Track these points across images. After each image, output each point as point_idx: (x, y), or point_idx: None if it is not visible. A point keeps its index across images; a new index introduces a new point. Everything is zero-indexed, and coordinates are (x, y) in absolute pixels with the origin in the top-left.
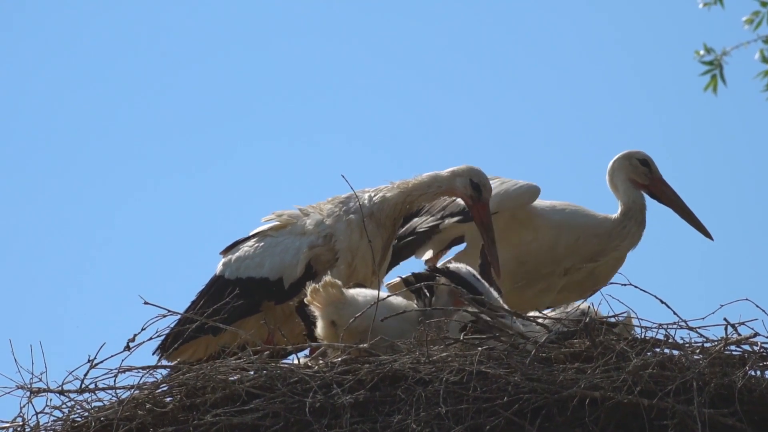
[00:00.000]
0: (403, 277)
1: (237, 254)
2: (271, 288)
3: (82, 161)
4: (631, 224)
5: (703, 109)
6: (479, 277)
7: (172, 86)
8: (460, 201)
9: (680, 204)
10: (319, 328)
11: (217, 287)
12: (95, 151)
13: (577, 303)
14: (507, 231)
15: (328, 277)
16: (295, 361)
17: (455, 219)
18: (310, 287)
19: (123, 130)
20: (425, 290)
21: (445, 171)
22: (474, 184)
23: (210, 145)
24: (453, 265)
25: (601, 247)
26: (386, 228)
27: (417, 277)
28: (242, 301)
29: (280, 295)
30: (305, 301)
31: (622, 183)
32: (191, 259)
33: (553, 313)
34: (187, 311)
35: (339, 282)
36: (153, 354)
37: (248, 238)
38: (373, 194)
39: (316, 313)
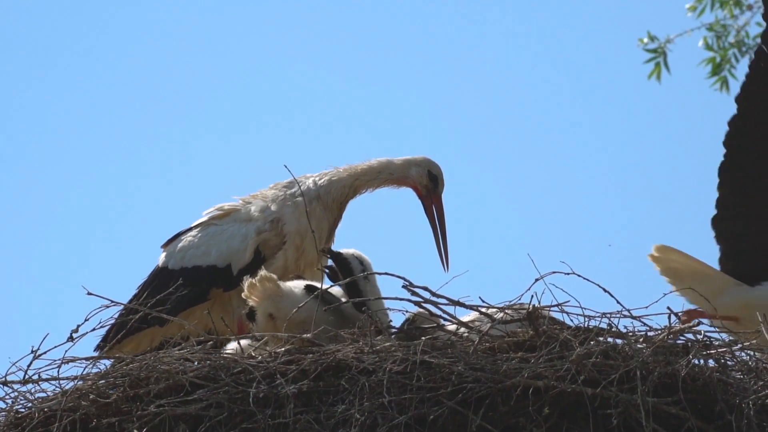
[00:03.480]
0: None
1: (180, 244)
2: (220, 275)
3: (24, 151)
4: None
5: (647, 96)
6: (367, 268)
7: (120, 82)
8: None
9: None
10: (258, 322)
11: (160, 279)
12: (38, 141)
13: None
14: None
15: (263, 272)
16: (236, 345)
17: None
18: (246, 282)
19: (63, 120)
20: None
21: (398, 159)
22: (432, 175)
23: (151, 138)
24: (345, 250)
25: None
26: (332, 211)
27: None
28: (188, 290)
29: (229, 281)
30: (242, 295)
31: None
32: (134, 251)
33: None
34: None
35: (275, 276)
36: (95, 350)
37: (190, 229)
38: (318, 178)
39: (254, 306)
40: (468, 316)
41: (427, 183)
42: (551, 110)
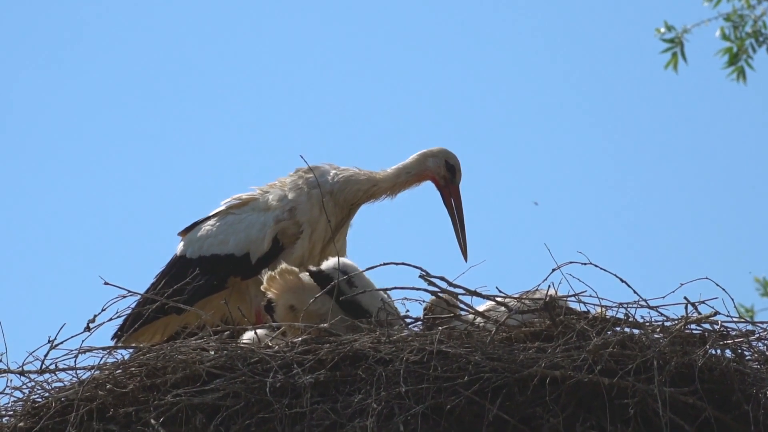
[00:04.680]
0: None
1: (199, 233)
2: (238, 264)
3: (42, 142)
4: None
5: (664, 86)
6: (354, 273)
7: (136, 70)
8: None
9: None
10: (277, 313)
11: (178, 267)
12: (56, 132)
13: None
14: None
15: (284, 265)
16: (252, 334)
17: None
18: (266, 275)
19: (83, 111)
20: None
21: (411, 157)
22: (449, 165)
23: (169, 127)
24: (326, 264)
25: None
26: (342, 209)
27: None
28: (206, 278)
29: (247, 270)
30: (261, 288)
31: None
32: (151, 241)
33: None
34: (147, 293)
35: (296, 269)
36: (112, 339)
37: (208, 218)
38: (338, 173)
39: (273, 298)
40: (485, 306)
41: (444, 173)
42: (568, 101)
